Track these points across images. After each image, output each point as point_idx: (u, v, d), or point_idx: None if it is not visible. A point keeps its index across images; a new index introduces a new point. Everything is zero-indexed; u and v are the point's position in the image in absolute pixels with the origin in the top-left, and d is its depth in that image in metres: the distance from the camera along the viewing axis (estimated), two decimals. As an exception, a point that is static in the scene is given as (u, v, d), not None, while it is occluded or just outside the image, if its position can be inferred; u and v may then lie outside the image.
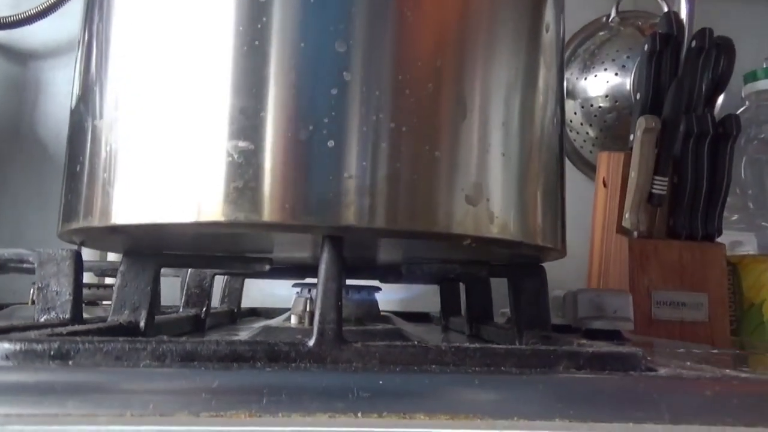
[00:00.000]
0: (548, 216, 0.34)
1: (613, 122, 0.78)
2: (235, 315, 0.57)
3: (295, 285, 0.46)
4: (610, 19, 0.82)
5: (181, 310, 0.45)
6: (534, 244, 0.32)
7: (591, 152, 0.82)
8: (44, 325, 0.32)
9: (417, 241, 0.30)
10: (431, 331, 0.57)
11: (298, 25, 0.28)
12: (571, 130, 0.83)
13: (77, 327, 0.31)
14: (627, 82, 0.77)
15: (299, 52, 0.27)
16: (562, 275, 0.56)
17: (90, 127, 0.32)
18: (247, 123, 0.27)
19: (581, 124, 0.82)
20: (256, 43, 0.27)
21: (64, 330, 0.28)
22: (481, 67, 0.31)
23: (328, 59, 0.27)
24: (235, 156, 0.27)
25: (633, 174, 0.56)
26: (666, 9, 0.80)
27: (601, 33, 0.84)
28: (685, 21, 0.61)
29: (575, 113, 0.81)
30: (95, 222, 0.31)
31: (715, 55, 0.58)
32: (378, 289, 0.48)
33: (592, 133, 0.81)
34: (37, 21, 0.79)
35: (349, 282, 0.43)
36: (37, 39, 0.82)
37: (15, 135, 0.81)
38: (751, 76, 0.67)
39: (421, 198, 0.28)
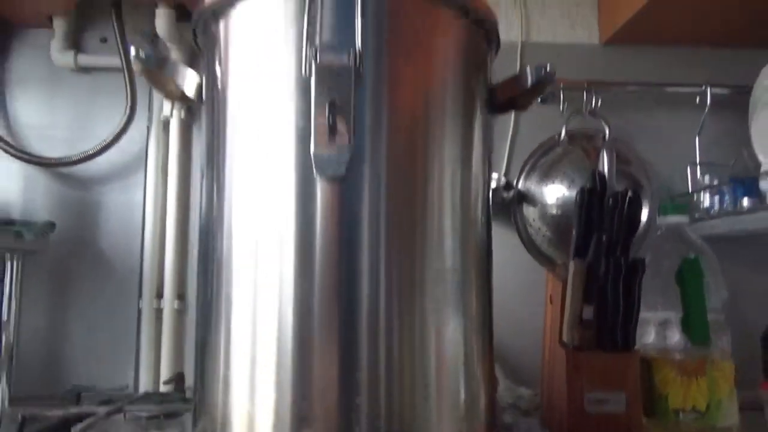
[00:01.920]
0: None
1: (563, 227, 0.97)
2: None
3: None
4: (560, 139, 1.01)
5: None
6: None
7: (547, 248, 1.01)
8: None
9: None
10: None
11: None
12: (530, 227, 1.02)
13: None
14: (573, 196, 0.96)
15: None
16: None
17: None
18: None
19: (539, 226, 1.01)
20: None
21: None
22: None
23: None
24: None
25: (568, 302, 0.75)
26: (607, 131, 1.00)
27: (557, 149, 1.02)
28: (606, 175, 0.79)
29: (534, 218, 1.01)
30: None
31: (627, 208, 0.76)
32: None
33: (548, 234, 1.00)
34: (94, 159, 0.98)
35: None
36: (95, 168, 1.00)
37: (80, 248, 0.99)
38: (662, 210, 0.85)
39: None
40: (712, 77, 1.04)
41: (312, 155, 0.41)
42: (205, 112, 0.51)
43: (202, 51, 0.52)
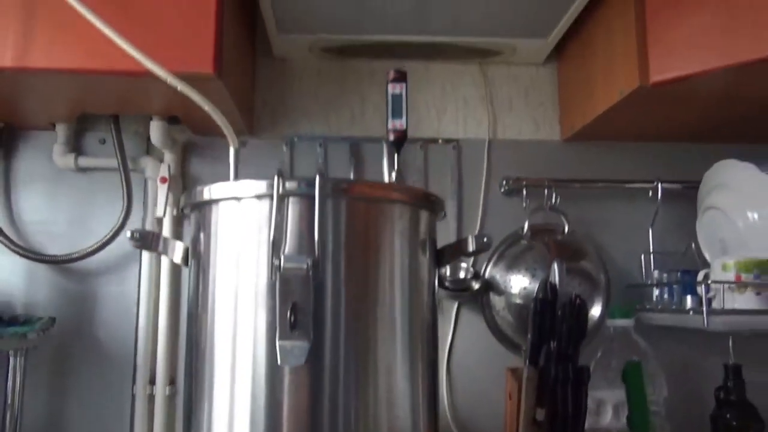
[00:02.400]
0: None
1: (526, 315, 1.05)
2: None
3: None
4: (524, 232, 1.10)
5: None
6: None
7: (512, 333, 1.09)
8: None
9: None
10: None
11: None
12: (497, 315, 1.10)
13: None
14: (535, 287, 1.04)
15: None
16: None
17: None
18: None
19: (504, 314, 1.09)
20: None
21: None
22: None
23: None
24: None
25: (522, 405, 0.83)
26: (567, 229, 1.08)
27: (521, 241, 1.11)
28: (557, 285, 0.88)
29: (500, 306, 1.09)
30: None
31: (576, 318, 0.85)
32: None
33: (511, 320, 1.08)
34: (92, 256, 1.06)
35: None
36: (93, 261, 1.08)
37: (79, 337, 1.07)
38: (611, 313, 0.94)
39: None
40: (664, 172, 1.13)
41: (277, 347, 0.49)
42: (192, 274, 0.60)
43: (191, 222, 0.61)
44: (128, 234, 0.57)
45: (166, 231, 1.08)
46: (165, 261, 1.08)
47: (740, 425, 1.00)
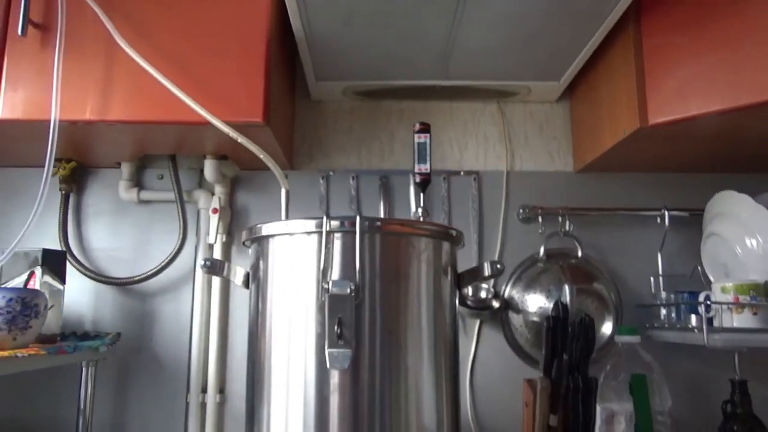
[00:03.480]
0: None
1: (541, 333, 1.14)
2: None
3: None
4: (540, 256, 1.20)
5: None
6: None
7: (530, 348, 1.19)
8: None
9: None
10: None
11: None
12: (515, 331, 1.20)
13: None
14: (550, 306, 1.14)
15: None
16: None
17: None
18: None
19: (522, 330, 1.18)
20: None
21: None
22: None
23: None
24: None
25: (537, 411, 0.93)
26: (580, 254, 1.18)
27: (538, 264, 1.21)
28: (568, 305, 0.98)
29: (518, 324, 1.19)
30: None
31: (585, 335, 0.94)
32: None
33: (529, 337, 1.18)
34: (152, 279, 1.19)
35: None
36: (152, 283, 1.21)
37: (138, 351, 1.20)
38: (619, 331, 1.03)
39: None
40: (671, 200, 1.22)
41: (326, 353, 0.60)
42: (252, 296, 0.72)
43: (251, 251, 0.73)
44: (201, 262, 0.70)
45: (217, 255, 1.21)
46: (215, 283, 1.21)
47: (746, 437, 1.07)
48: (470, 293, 1.21)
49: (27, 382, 1.18)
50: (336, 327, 0.60)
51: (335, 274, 0.62)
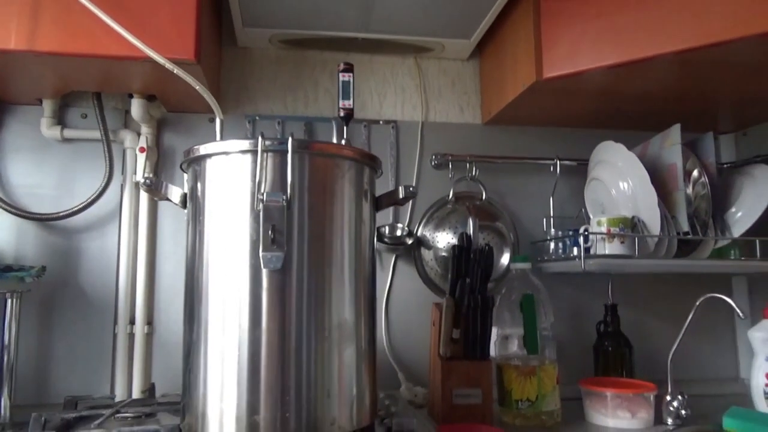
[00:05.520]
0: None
1: (449, 266, 1.28)
2: None
3: None
4: (449, 198, 1.33)
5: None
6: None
7: (439, 281, 1.33)
8: None
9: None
10: None
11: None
12: (426, 266, 1.33)
13: None
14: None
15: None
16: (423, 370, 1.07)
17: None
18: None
19: (433, 264, 1.32)
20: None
21: None
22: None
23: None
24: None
25: (443, 326, 1.06)
26: (484, 196, 1.32)
27: (447, 206, 1.34)
28: (471, 236, 1.11)
29: (429, 258, 1.32)
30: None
31: (485, 261, 1.08)
32: None
33: (439, 270, 1.32)
34: (77, 215, 1.21)
35: None
36: (77, 220, 1.23)
37: (64, 286, 1.22)
38: (514, 259, 1.18)
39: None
40: (562, 151, 1.39)
41: (260, 256, 0.69)
42: (190, 214, 0.79)
43: (187, 174, 0.80)
44: (142, 180, 0.76)
45: (143, 194, 1.25)
46: (142, 220, 1.24)
47: (615, 351, 1.27)
48: (387, 231, 1.33)
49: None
50: (270, 233, 0.68)
51: (268, 187, 0.70)
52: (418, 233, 1.34)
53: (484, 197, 1.34)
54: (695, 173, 1.24)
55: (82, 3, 0.92)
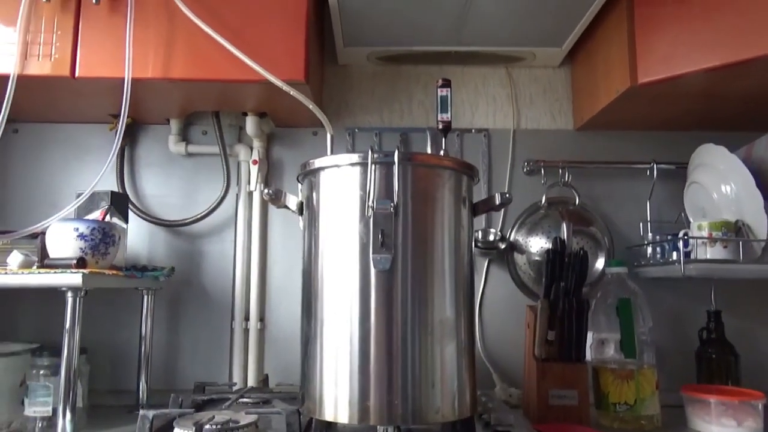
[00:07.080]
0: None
1: (542, 270, 1.30)
2: None
3: None
4: (542, 203, 1.35)
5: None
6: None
7: (532, 285, 1.35)
8: None
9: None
10: None
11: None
12: (519, 270, 1.36)
13: None
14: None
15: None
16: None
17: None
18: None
19: (526, 269, 1.35)
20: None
21: None
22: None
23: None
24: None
25: (538, 328, 1.09)
26: (577, 201, 1.33)
27: (539, 211, 1.37)
28: (565, 240, 1.13)
29: (522, 263, 1.35)
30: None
31: (579, 265, 1.10)
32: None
33: (532, 274, 1.35)
34: (199, 222, 1.36)
35: None
36: (199, 226, 1.38)
37: (188, 285, 1.37)
38: (609, 263, 1.18)
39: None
40: (659, 155, 1.37)
41: (371, 258, 0.77)
42: (306, 221, 0.88)
43: (303, 185, 0.90)
44: (265, 191, 0.86)
45: (256, 202, 1.37)
46: (255, 227, 1.37)
47: (720, 359, 1.24)
48: (480, 237, 1.37)
49: (90, 310, 1.35)
50: (380, 237, 0.76)
51: (377, 195, 0.78)
52: (511, 238, 1.37)
53: (577, 202, 1.35)
54: (806, 175, 1.19)
55: (209, 33, 1.05)
